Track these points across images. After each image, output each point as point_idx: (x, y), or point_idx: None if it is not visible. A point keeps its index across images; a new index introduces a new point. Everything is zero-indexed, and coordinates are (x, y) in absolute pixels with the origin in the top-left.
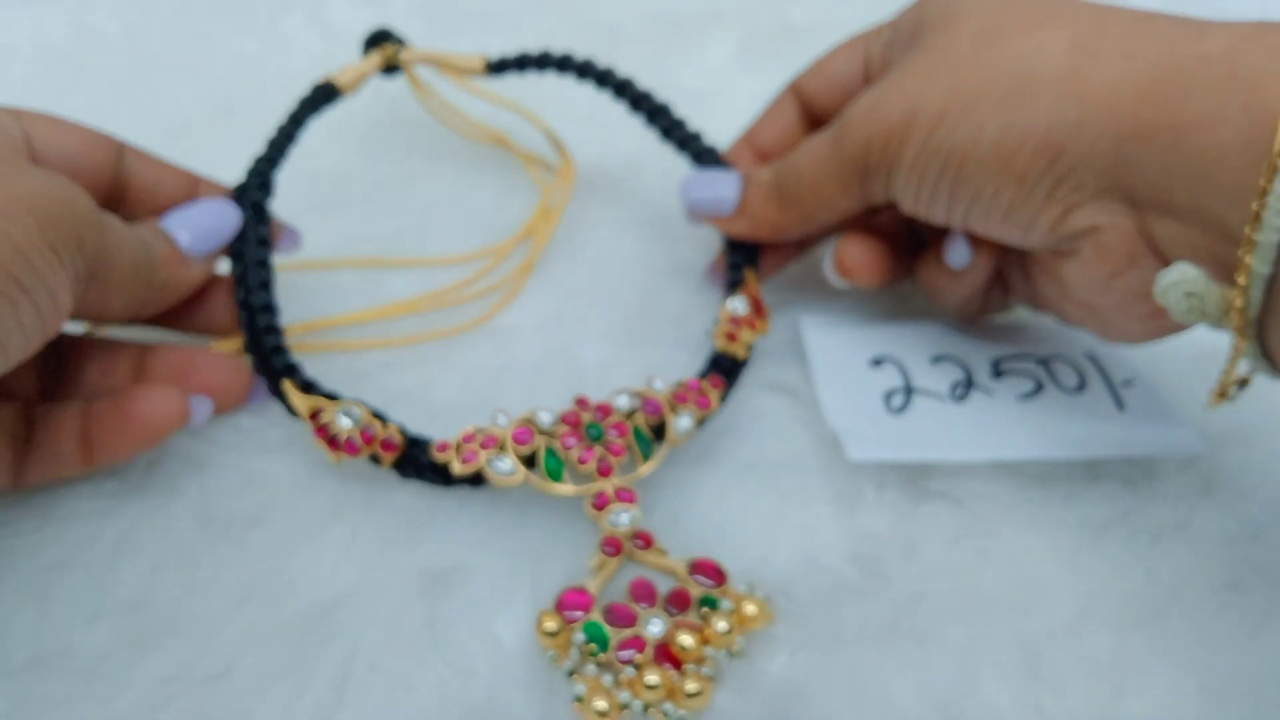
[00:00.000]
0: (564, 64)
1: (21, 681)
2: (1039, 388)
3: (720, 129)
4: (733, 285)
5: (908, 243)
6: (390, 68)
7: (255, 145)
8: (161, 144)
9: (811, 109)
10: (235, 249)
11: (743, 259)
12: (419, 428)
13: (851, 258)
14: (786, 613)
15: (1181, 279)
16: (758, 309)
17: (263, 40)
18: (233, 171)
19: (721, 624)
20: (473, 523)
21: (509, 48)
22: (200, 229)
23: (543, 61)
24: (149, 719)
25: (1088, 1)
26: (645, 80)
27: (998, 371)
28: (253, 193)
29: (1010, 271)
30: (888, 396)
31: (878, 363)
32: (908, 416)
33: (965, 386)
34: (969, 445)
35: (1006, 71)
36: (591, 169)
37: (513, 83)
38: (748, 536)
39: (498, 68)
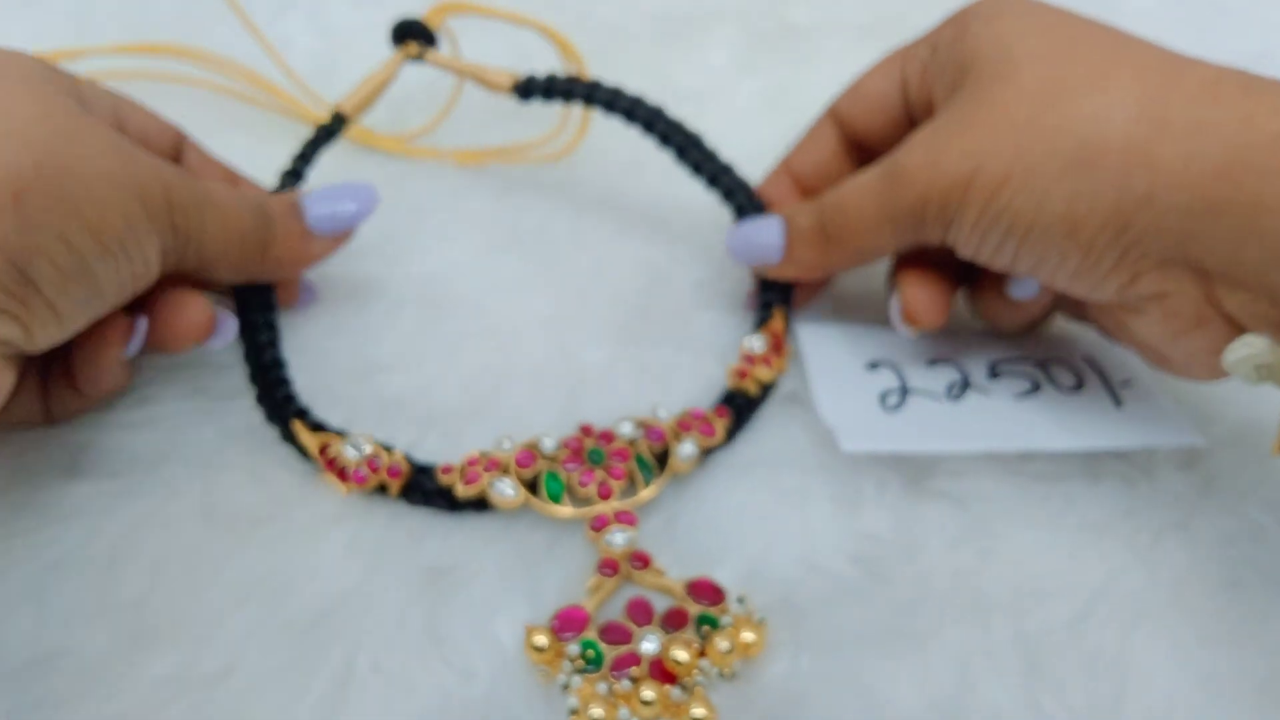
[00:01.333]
0: (591, 96)
1: (21, 682)
2: (1036, 387)
3: (720, 129)
4: (761, 323)
5: (959, 268)
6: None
7: (257, 146)
8: None
9: (851, 133)
10: (241, 307)
11: (775, 297)
12: (421, 434)
13: (919, 305)
14: (787, 615)
15: (1251, 353)
16: (777, 346)
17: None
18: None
19: (724, 644)
20: (474, 524)
21: (510, 48)
22: (335, 208)
23: (570, 92)
24: (150, 719)
25: (1150, 44)
26: (644, 81)
27: (994, 373)
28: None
29: (1073, 300)
30: (883, 396)
31: (874, 366)
32: (903, 413)
33: (961, 386)
34: (964, 437)
35: (1072, 137)
36: (593, 170)
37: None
38: (746, 537)
39: (525, 90)
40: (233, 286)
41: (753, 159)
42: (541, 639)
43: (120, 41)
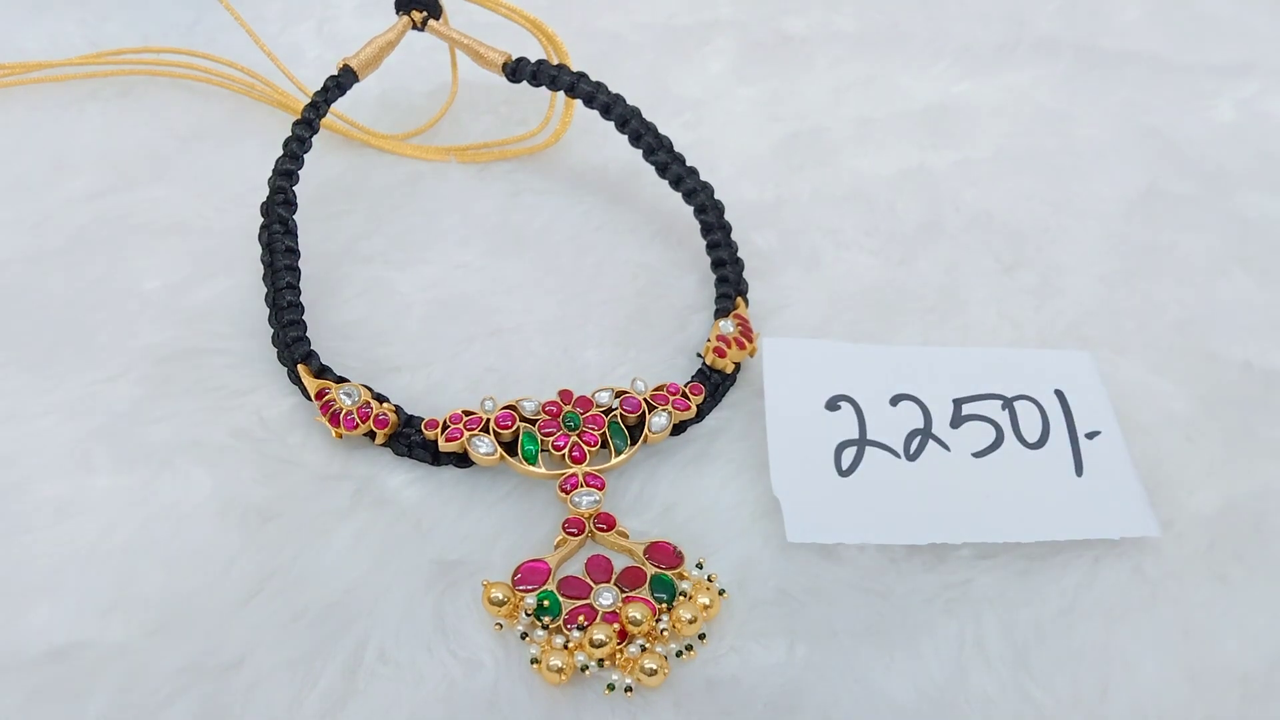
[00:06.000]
0: (574, 86)
1: (38, 672)
2: (997, 440)
3: (717, 137)
4: (723, 312)
5: None
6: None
7: (266, 151)
8: (174, 149)
9: None
10: (264, 257)
11: (732, 289)
12: None
13: None
14: (779, 608)
15: None
16: (746, 332)
17: (273, 50)
18: (246, 176)
19: (686, 613)
20: (479, 519)
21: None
22: None
23: (555, 79)
24: (164, 709)
25: None
26: (644, 89)
27: (958, 417)
28: (278, 207)
29: None
30: (839, 451)
31: (835, 405)
32: (856, 479)
33: (922, 437)
34: (911, 527)
35: None
36: (593, 174)
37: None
38: (740, 531)
39: (514, 72)
40: (264, 235)
41: (749, 165)
42: (498, 593)
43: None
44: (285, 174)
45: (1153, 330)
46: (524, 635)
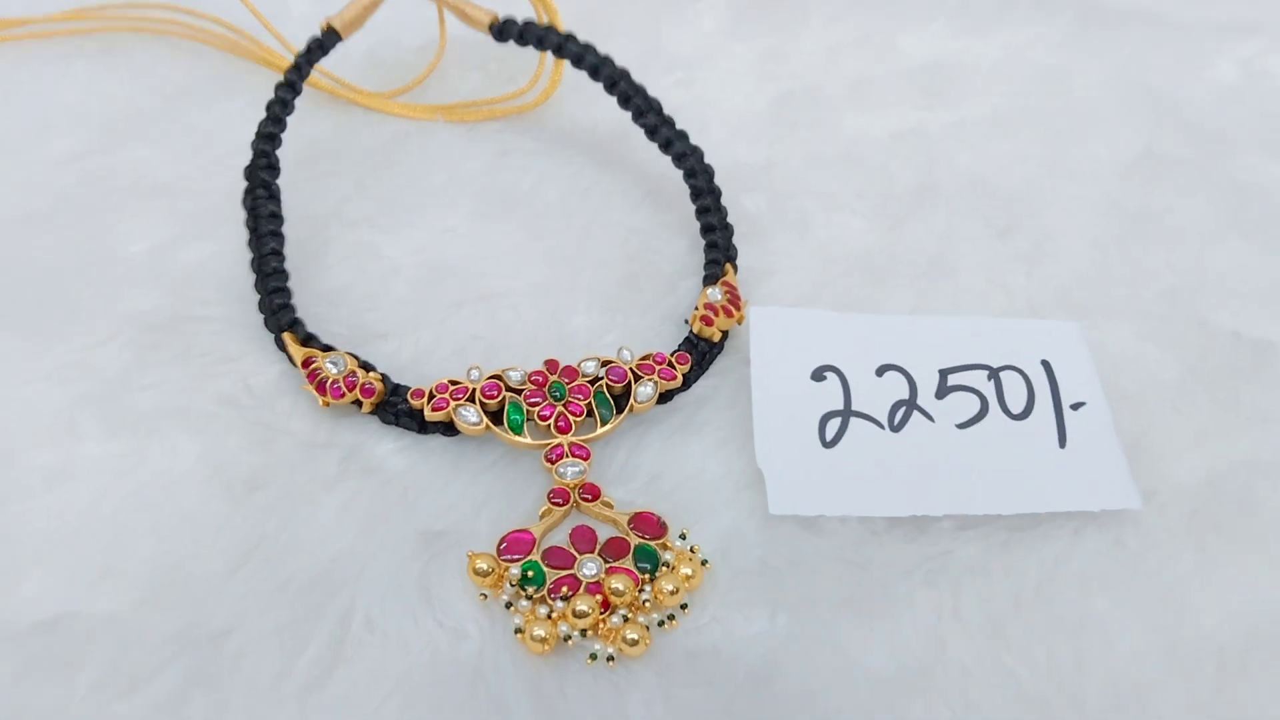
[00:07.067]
0: (561, 47)
1: (28, 645)
2: (982, 412)
3: (710, 95)
4: (712, 277)
5: None
6: None
7: (250, 110)
8: (158, 108)
9: None
10: (249, 223)
11: (721, 255)
12: None
13: None
14: (761, 579)
15: None
16: (734, 299)
17: (258, 6)
18: (231, 135)
19: (668, 585)
20: (465, 488)
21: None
22: None
23: (543, 40)
24: (154, 678)
25: None
26: (635, 46)
27: (943, 388)
28: (260, 172)
29: None
30: (824, 422)
31: (820, 376)
32: (840, 450)
33: (907, 408)
34: (893, 498)
35: None
36: (583, 134)
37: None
38: (725, 502)
39: (501, 31)
40: (248, 200)
41: (741, 125)
42: (483, 564)
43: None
44: (267, 137)
45: (1144, 297)
46: (509, 605)
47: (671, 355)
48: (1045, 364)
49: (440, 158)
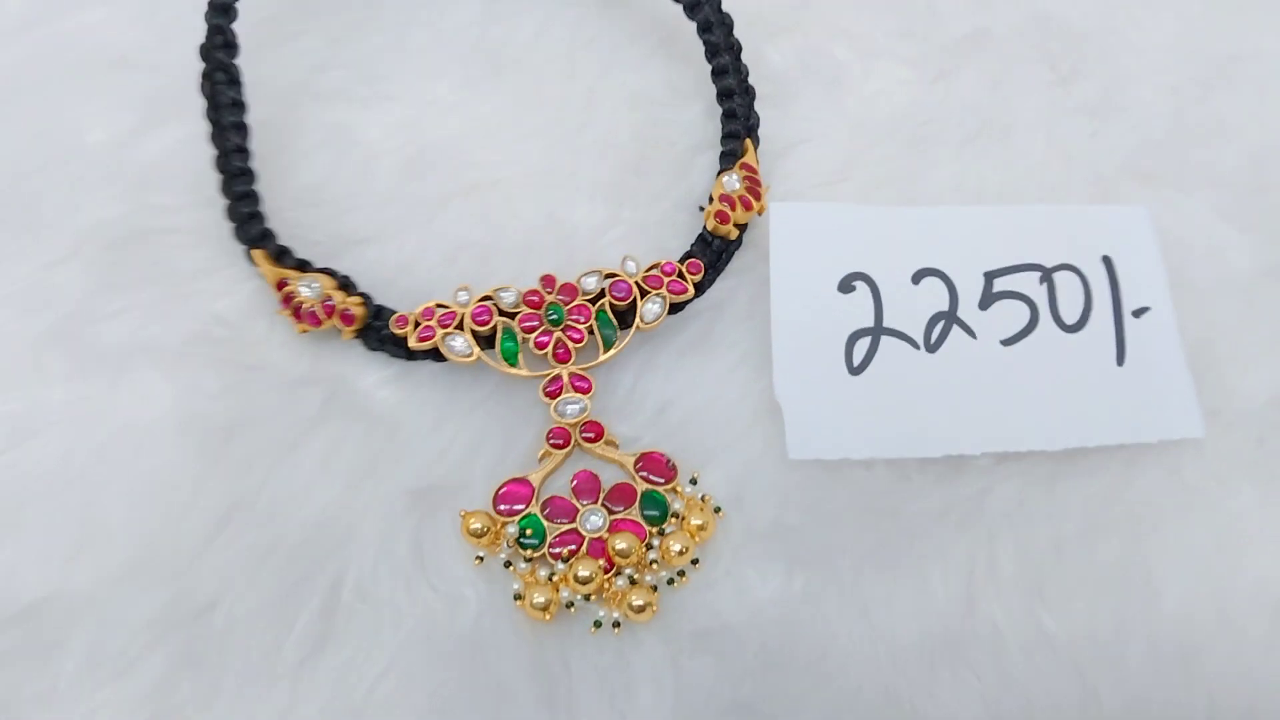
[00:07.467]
0: None
1: (6, 634)
2: (1031, 324)
3: None
4: (729, 156)
5: None
6: None
7: None
8: None
9: None
10: (209, 113)
11: (739, 126)
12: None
13: None
14: (780, 526)
15: None
16: (754, 186)
17: None
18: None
19: (676, 545)
20: (458, 428)
21: None
22: None
23: None
24: (140, 661)
25: None
26: None
27: (988, 296)
28: (217, 52)
29: None
30: (851, 343)
31: (849, 286)
32: (868, 377)
33: (945, 322)
34: (925, 436)
35: None
36: None
37: None
38: (740, 434)
39: None
40: (206, 87)
41: None
42: (477, 523)
43: None
44: (222, 8)
45: (1225, 163)
46: (507, 564)
47: (682, 263)
48: (1106, 260)
49: (421, 6)
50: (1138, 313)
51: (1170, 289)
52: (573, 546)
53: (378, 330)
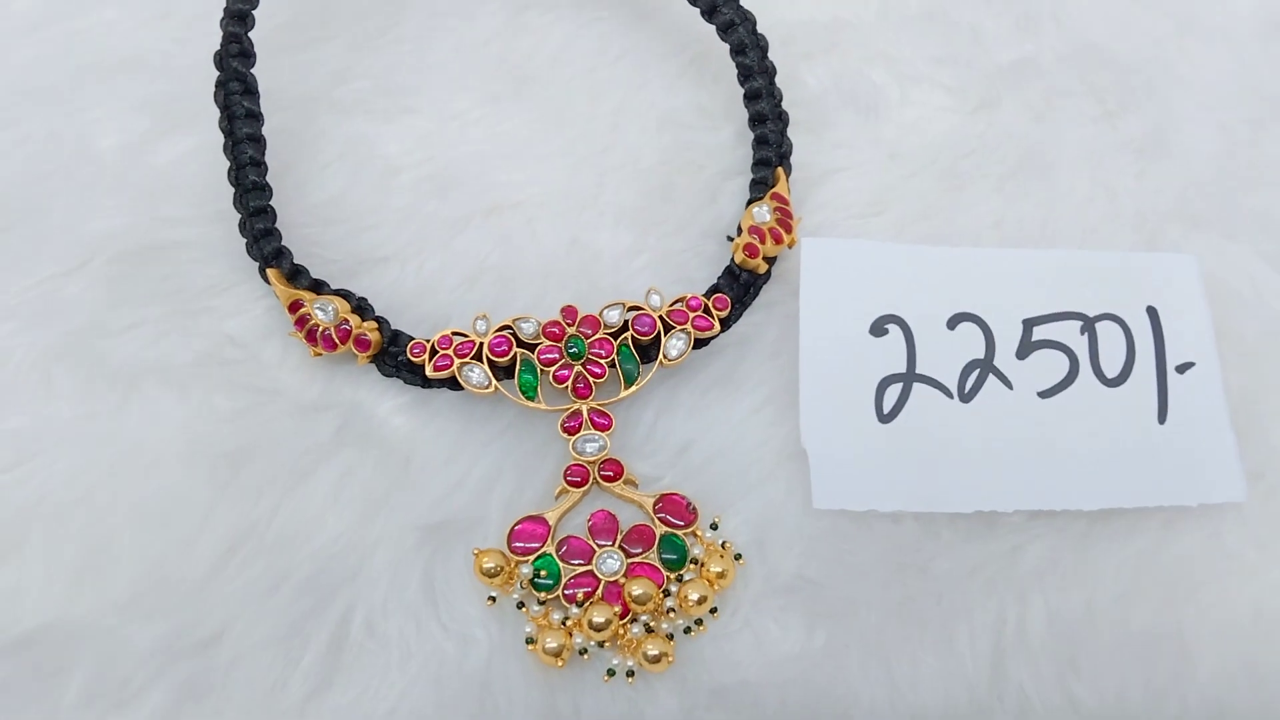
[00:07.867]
0: None
1: (7, 661)
2: (1070, 375)
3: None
4: (760, 185)
5: None
6: None
7: None
8: None
9: None
10: (223, 124)
11: (772, 153)
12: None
13: None
14: (801, 579)
15: None
16: (784, 218)
17: None
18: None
19: (694, 594)
20: (474, 460)
21: None
22: None
23: None
24: (143, 693)
25: None
26: None
27: (1027, 342)
28: (232, 61)
29: None
30: (881, 390)
31: (881, 329)
32: (899, 425)
33: (981, 370)
34: (956, 490)
35: None
36: None
37: None
38: (763, 477)
39: None
40: (220, 97)
41: None
42: (490, 562)
43: None
44: (238, 16)
45: (1277, 208)
46: (520, 605)
47: (708, 297)
48: (1151, 311)
49: (444, 17)
50: (1182, 368)
51: (1216, 347)
52: (588, 589)
53: (394, 356)
